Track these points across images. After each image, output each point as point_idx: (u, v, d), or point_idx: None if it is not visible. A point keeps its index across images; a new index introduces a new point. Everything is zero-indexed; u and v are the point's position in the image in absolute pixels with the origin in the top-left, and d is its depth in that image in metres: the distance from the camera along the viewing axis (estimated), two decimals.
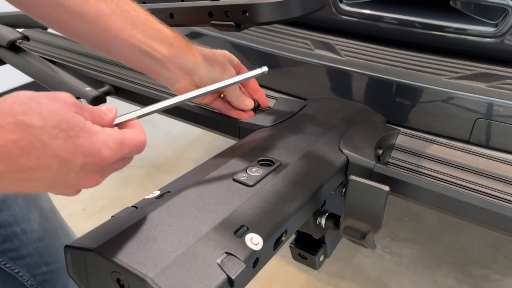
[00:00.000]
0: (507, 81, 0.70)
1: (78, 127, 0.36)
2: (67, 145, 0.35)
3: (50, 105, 0.35)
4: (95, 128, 0.37)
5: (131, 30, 0.53)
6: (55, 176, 0.36)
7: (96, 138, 0.37)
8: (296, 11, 0.58)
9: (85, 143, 0.36)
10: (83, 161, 0.36)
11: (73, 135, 0.35)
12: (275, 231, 0.44)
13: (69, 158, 0.35)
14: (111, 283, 0.37)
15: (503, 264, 1.50)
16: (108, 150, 0.38)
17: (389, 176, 0.59)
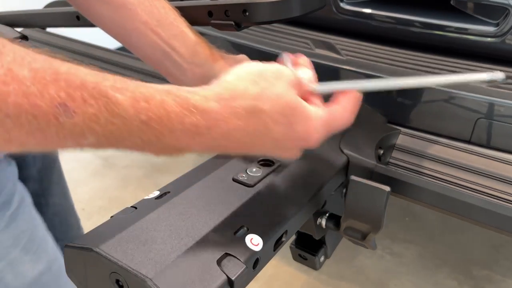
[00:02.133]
0: (508, 80, 0.70)
1: (299, 113, 0.37)
2: (285, 131, 0.37)
3: (277, 86, 0.37)
4: (310, 112, 0.38)
5: (156, 26, 0.52)
6: (264, 151, 0.40)
7: (311, 124, 0.38)
8: (296, 10, 0.57)
9: (301, 129, 0.38)
10: (294, 144, 0.39)
11: (293, 121, 0.37)
12: (275, 231, 0.44)
13: (283, 141, 0.38)
14: (110, 283, 0.36)
15: (504, 265, 1.49)
16: (317, 135, 0.40)
17: (390, 176, 0.59)
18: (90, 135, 0.30)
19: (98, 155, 2.10)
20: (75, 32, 0.93)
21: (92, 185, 1.89)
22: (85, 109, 0.28)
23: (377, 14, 0.83)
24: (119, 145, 0.32)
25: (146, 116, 0.31)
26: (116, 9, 0.51)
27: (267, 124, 0.36)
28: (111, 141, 0.31)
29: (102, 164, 2.04)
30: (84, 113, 0.29)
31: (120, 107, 0.30)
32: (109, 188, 1.88)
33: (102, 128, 0.30)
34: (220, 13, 0.58)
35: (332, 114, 0.41)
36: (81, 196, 1.77)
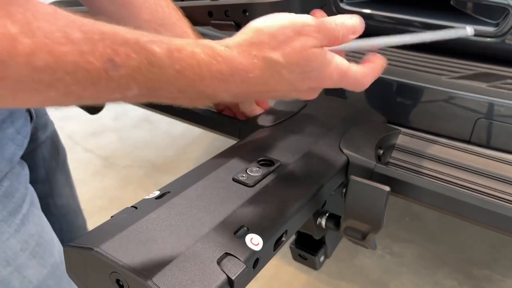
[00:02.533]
0: (508, 81, 0.70)
1: (314, 63, 0.41)
2: (300, 77, 0.41)
3: (295, 41, 0.40)
4: (327, 58, 0.42)
5: (159, 25, 0.52)
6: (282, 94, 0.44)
7: (325, 71, 0.42)
8: (296, 11, 0.57)
9: (315, 75, 0.42)
10: (308, 86, 0.43)
11: (307, 70, 0.41)
12: (275, 231, 0.44)
13: (298, 85, 0.42)
14: (110, 283, 0.36)
15: (504, 264, 1.50)
16: (331, 82, 0.43)
17: (389, 176, 0.59)
18: (134, 85, 0.34)
19: (98, 155, 2.11)
20: None
21: (92, 185, 1.90)
22: (129, 62, 0.32)
23: (377, 14, 0.83)
24: (158, 95, 0.36)
25: (179, 65, 0.35)
26: (121, 5, 0.51)
27: (282, 74, 0.40)
28: (151, 92, 0.35)
29: (102, 164, 2.05)
30: (128, 66, 0.32)
31: (158, 58, 0.34)
32: (109, 188, 1.88)
33: (144, 78, 0.34)
34: (220, 13, 0.58)
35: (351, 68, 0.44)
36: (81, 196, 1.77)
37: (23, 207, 0.51)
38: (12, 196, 0.50)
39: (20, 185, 0.51)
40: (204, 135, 2.22)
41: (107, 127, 2.34)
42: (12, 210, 0.49)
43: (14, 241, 0.50)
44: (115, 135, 2.28)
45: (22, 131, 0.52)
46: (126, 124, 2.37)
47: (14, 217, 0.50)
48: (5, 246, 0.49)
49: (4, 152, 0.49)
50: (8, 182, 0.49)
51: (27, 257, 0.51)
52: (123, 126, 2.35)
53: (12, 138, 0.50)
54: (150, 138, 2.26)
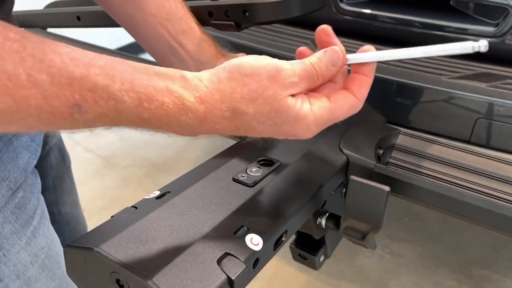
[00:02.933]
0: (508, 81, 0.70)
1: (285, 115, 0.38)
2: (271, 130, 0.39)
3: (267, 90, 0.37)
4: (301, 112, 0.38)
5: (165, 20, 0.52)
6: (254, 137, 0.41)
7: (300, 124, 0.39)
8: (296, 11, 0.57)
9: (288, 128, 0.39)
10: (284, 137, 0.40)
11: (279, 122, 0.38)
12: (275, 231, 0.44)
13: (271, 135, 0.40)
14: (110, 283, 0.36)
15: (504, 264, 1.50)
16: (309, 133, 0.40)
17: (389, 176, 0.59)
18: (99, 125, 0.34)
19: (98, 155, 2.11)
20: (75, 32, 0.93)
21: (93, 185, 1.90)
22: (95, 109, 0.32)
23: (377, 15, 0.83)
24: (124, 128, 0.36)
25: (148, 115, 0.34)
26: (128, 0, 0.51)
27: (251, 124, 0.38)
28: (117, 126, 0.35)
29: (103, 164, 2.05)
30: (95, 111, 0.32)
31: (126, 107, 0.33)
32: (110, 188, 1.88)
33: (110, 121, 0.34)
34: (220, 14, 0.58)
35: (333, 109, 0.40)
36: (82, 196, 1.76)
37: (35, 219, 0.50)
38: (25, 207, 0.48)
39: (32, 195, 0.50)
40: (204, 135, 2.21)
41: None
42: (24, 222, 0.48)
43: (24, 254, 0.48)
44: (115, 135, 2.28)
45: (36, 139, 0.51)
46: None
47: (26, 230, 0.48)
48: (15, 259, 0.47)
49: (18, 161, 0.47)
50: (22, 193, 0.48)
51: (37, 270, 0.50)
52: None
53: (26, 146, 0.49)
54: (150, 138, 2.26)
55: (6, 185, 0.45)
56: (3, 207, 0.45)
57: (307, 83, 0.39)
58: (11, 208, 0.46)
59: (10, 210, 0.46)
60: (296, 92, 0.39)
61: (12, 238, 0.47)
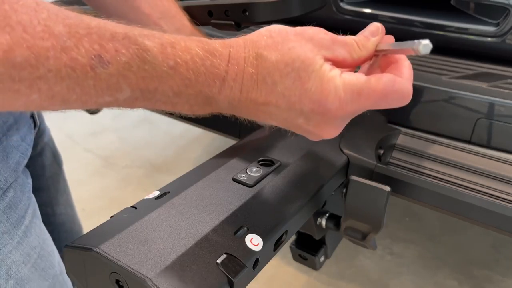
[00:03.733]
0: (509, 80, 0.70)
1: (311, 69, 0.34)
2: (295, 86, 0.34)
3: (293, 41, 0.34)
4: (330, 73, 0.34)
5: (159, 19, 0.52)
6: (285, 116, 0.36)
7: (326, 85, 0.34)
8: (296, 10, 0.57)
9: (314, 88, 0.34)
10: (309, 108, 0.35)
11: (304, 76, 0.34)
12: (275, 231, 0.44)
13: (295, 101, 0.35)
14: (110, 283, 0.36)
15: (504, 265, 1.50)
16: (336, 101, 0.34)
17: (390, 176, 0.59)
18: (125, 86, 0.31)
19: (98, 155, 2.11)
20: None
21: (92, 185, 1.89)
22: (118, 58, 0.30)
23: (377, 14, 0.83)
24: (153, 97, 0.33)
25: (173, 61, 0.32)
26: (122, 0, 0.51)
27: (274, 77, 0.34)
28: (145, 94, 0.32)
29: (102, 164, 2.05)
30: (117, 62, 0.30)
31: (150, 53, 0.31)
32: (109, 188, 1.88)
33: (135, 76, 0.31)
34: (220, 13, 0.58)
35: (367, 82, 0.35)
36: (81, 196, 1.77)
37: (26, 219, 0.49)
38: (16, 207, 0.48)
39: (23, 195, 0.50)
40: (204, 135, 2.21)
41: (107, 127, 2.34)
42: (15, 222, 0.48)
43: (16, 253, 0.48)
44: (115, 135, 2.28)
45: (27, 139, 0.51)
46: (126, 124, 2.37)
47: (17, 229, 0.48)
48: (7, 259, 0.47)
49: (9, 160, 0.47)
50: (13, 192, 0.47)
51: (29, 270, 0.50)
52: (123, 126, 2.35)
53: (17, 146, 0.48)
54: (150, 138, 2.26)
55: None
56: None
57: (343, 50, 0.36)
58: (2, 208, 0.46)
59: (1, 209, 0.46)
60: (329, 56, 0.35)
61: (4, 238, 0.46)
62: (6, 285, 0.48)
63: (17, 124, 0.49)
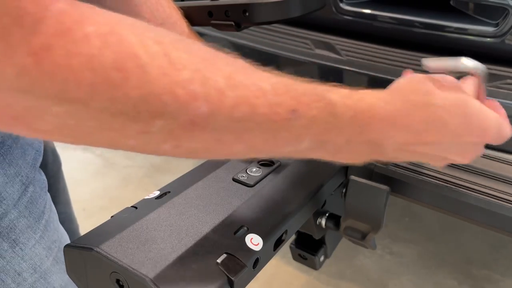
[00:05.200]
0: (508, 81, 0.70)
1: (473, 106, 0.38)
2: (462, 122, 0.38)
3: (444, 87, 0.38)
4: (485, 108, 0.40)
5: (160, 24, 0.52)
6: (442, 148, 0.39)
7: (487, 119, 0.39)
8: (296, 11, 0.57)
9: (477, 122, 0.39)
10: (471, 139, 0.39)
11: (468, 113, 0.38)
12: (275, 231, 0.44)
13: (461, 134, 0.38)
14: (110, 283, 0.36)
15: (504, 264, 1.50)
16: (493, 132, 0.40)
17: (389, 176, 0.59)
18: (307, 137, 0.34)
19: (98, 155, 2.11)
20: None
21: (93, 185, 1.90)
22: (309, 112, 0.33)
23: (377, 15, 0.83)
24: (325, 148, 0.36)
25: (353, 111, 0.35)
26: (122, 3, 0.51)
27: (444, 119, 0.37)
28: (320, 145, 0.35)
29: (103, 164, 2.05)
30: (308, 115, 0.33)
31: (335, 106, 0.34)
32: (110, 187, 1.88)
33: (319, 128, 0.34)
34: (220, 14, 0.58)
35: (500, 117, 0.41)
36: (82, 196, 1.77)
37: (45, 213, 0.51)
38: (36, 202, 0.50)
39: (42, 191, 0.51)
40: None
41: None
42: (37, 216, 0.49)
43: (39, 247, 0.49)
44: None
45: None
46: None
47: (39, 223, 0.50)
48: (32, 253, 0.48)
49: (26, 157, 0.48)
50: (32, 188, 0.49)
51: (51, 263, 0.51)
52: None
53: (31, 143, 0.50)
54: None
55: (19, 181, 0.46)
56: (17, 202, 0.46)
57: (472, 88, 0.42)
58: (25, 203, 0.47)
59: (24, 204, 0.47)
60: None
61: (27, 232, 0.48)
62: (31, 278, 0.49)
63: None
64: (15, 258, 0.47)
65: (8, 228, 0.46)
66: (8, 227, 0.46)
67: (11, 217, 0.46)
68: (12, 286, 0.47)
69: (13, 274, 0.47)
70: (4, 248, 0.46)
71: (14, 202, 0.46)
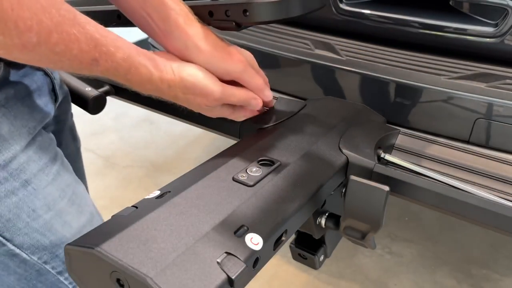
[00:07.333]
0: (507, 81, 0.70)
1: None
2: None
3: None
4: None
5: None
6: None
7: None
8: (296, 11, 0.58)
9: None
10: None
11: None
12: (275, 231, 0.44)
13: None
14: (111, 282, 0.37)
15: (503, 264, 1.50)
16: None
17: (389, 176, 0.59)
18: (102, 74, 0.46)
19: (99, 155, 2.11)
20: None
21: (93, 184, 1.89)
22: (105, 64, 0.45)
23: (376, 15, 0.84)
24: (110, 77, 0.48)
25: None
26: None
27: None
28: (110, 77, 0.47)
29: (103, 164, 2.05)
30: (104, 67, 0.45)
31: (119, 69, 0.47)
32: (110, 187, 1.88)
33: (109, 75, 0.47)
34: (221, 13, 0.58)
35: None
36: None
37: (57, 161, 0.58)
38: (46, 149, 0.56)
39: (52, 142, 0.59)
40: (204, 135, 2.22)
41: (107, 127, 2.34)
42: (48, 161, 0.56)
43: (52, 188, 0.55)
44: (116, 135, 2.28)
45: (48, 106, 0.60)
46: (126, 124, 2.37)
47: (51, 168, 0.56)
48: (44, 193, 0.54)
49: (35, 115, 0.56)
50: (41, 137, 0.56)
51: (66, 203, 0.57)
52: (124, 126, 2.35)
53: (40, 108, 0.57)
54: (150, 138, 2.26)
55: (26, 131, 0.53)
56: (25, 148, 0.53)
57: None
58: (34, 149, 0.54)
59: (33, 150, 0.54)
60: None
61: (39, 174, 0.54)
62: (47, 215, 0.55)
63: (39, 91, 0.58)
64: (28, 196, 0.53)
65: (18, 170, 0.52)
66: (18, 169, 0.52)
67: (21, 161, 0.52)
68: (28, 221, 0.53)
69: (27, 210, 0.53)
70: (16, 186, 0.52)
71: (22, 148, 0.52)
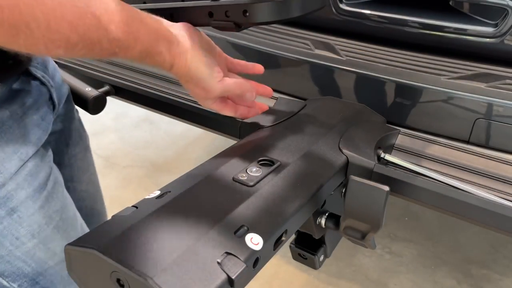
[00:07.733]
0: (507, 81, 0.70)
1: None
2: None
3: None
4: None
5: None
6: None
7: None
8: (296, 11, 0.58)
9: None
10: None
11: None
12: (275, 231, 0.44)
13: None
14: (111, 282, 0.37)
15: (502, 264, 1.50)
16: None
17: (389, 176, 0.59)
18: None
19: (99, 155, 2.11)
20: None
21: None
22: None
23: (376, 15, 0.84)
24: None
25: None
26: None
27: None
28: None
29: (103, 164, 2.05)
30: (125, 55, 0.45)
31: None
32: (110, 187, 1.88)
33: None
34: (221, 14, 0.58)
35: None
36: None
37: (48, 185, 0.56)
38: (37, 175, 0.55)
39: (45, 164, 0.56)
40: (204, 135, 2.22)
41: (107, 127, 2.34)
42: (37, 188, 0.54)
43: (38, 216, 0.54)
44: (116, 135, 2.28)
45: (46, 118, 0.58)
46: (126, 124, 2.37)
47: (40, 194, 0.55)
48: (30, 220, 0.53)
49: (30, 136, 0.54)
50: (33, 162, 0.54)
51: (51, 230, 0.56)
52: (124, 126, 2.35)
53: (38, 124, 0.55)
54: (150, 138, 2.26)
55: (17, 157, 0.52)
56: (14, 175, 0.51)
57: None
58: (23, 176, 0.53)
59: (23, 177, 0.52)
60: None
61: (27, 201, 0.53)
62: (30, 243, 0.54)
63: (37, 104, 0.56)
64: (12, 224, 0.52)
65: (5, 198, 0.51)
66: (5, 197, 0.51)
67: (9, 188, 0.51)
68: (10, 249, 0.53)
69: (10, 238, 0.53)
70: (2, 214, 0.51)
71: (11, 175, 0.51)
